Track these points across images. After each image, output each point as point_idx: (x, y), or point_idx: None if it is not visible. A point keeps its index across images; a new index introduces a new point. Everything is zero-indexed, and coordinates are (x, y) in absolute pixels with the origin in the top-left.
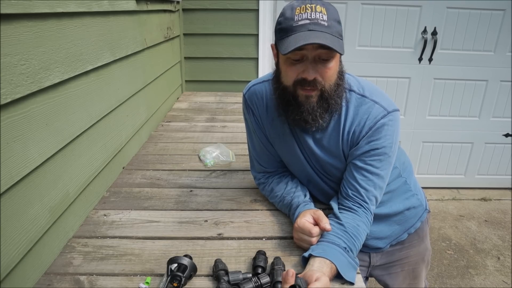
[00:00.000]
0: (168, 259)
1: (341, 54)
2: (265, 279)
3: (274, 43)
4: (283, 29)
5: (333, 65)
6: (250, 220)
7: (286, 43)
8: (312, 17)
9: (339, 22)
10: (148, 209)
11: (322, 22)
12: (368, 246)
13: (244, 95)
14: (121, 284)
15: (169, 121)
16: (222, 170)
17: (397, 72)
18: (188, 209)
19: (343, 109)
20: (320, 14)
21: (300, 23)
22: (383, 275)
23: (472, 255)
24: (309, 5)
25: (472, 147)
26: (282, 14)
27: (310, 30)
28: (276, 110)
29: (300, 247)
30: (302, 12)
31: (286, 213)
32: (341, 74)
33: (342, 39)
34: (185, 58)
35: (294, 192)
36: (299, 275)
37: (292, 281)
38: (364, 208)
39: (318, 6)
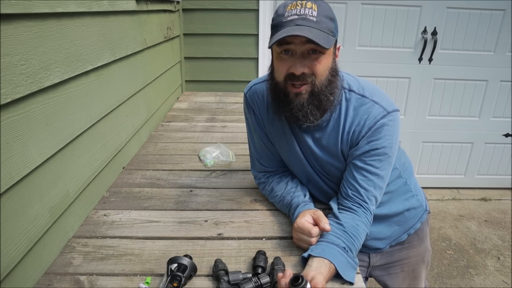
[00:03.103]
0: (168, 259)
1: (326, 48)
2: (265, 279)
3: None
4: (274, 25)
5: (323, 60)
6: (250, 220)
7: (273, 38)
8: (301, 12)
9: (331, 19)
10: (148, 209)
11: (311, 18)
12: (368, 246)
13: (245, 94)
14: (121, 284)
15: (169, 121)
16: (222, 170)
17: (397, 72)
18: (188, 209)
19: (343, 109)
20: (310, 10)
21: (289, 18)
22: (383, 276)
23: (472, 255)
24: (300, 2)
25: (472, 147)
26: (276, 12)
27: (297, 25)
28: (271, 106)
29: (299, 247)
30: (292, 8)
31: (286, 213)
32: (333, 71)
33: (333, 35)
34: (185, 58)
35: (294, 192)
36: None
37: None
38: (364, 208)
39: (309, 3)
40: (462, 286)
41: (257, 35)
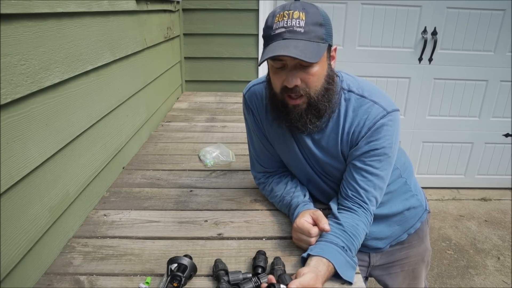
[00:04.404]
0: (168, 259)
1: (311, 62)
2: (265, 279)
3: None
4: (264, 38)
5: (316, 71)
6: (250, 220)
7: (263, 53)
8: (288, 24)
9: (320, 25)
10: (148, 209)
11: (298, 29)
12: (368, 246)
13: (244, 95)
14: (121, 284)
15: (169, 121)
16: (222, 170)
17: (397, 72)
18: (188, 209)
19: (342, 109)
20: (297, 20)
21: (276, 31)
22: (383, 275)
23: (472, 255)
24: (287, 12)
25: (472, 147)
26: (266, 21)
27: (284, 39)
28: (270, 114)
29: (299, 247)
30: (279, 20)
31: (286, 213)
32: (329, 78)
33: (324, 42)
34: (185, 58)
35: (294, 192)
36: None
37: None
38: (364, 209)
39: (296, 12)
40: (462, 286)
41: (257, 35)
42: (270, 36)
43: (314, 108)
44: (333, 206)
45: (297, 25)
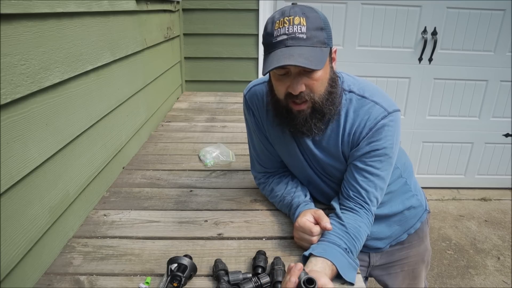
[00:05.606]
0: (168, 259)
1: (316, 70)
2: (265, 279)
3: None
4: (265, 45)
5: (320, 76)
6: (250, 220)
7: (267, 61)
8: (290, 31)
9: (321, 29)
10: (148, 209)
11: (300, 35)
12: (368, 246)
13: (244, 96)
14: (121, 284)
15: (169, 121)
16: (222, 170)
17: (397, 72)
18: (188, 209)
19: (343, 110)
20: (298, 26)
21: (278, 39)
22: (383, 275)
23: (472, 255)
24: (288, 18)
25: (472, 147)
26: (265, 28)
27: (287, 46)
28: (273, 120)
29: (300, 246)
30: (280, 26)
31: (286, 213)
32: (332, 81)
33: (326, 46)
34: (185, 58)
35: (295, 192)
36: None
37: (297, 274)
38: (366, 209)
39: (296, 18)
40: (462, 286)
41: (257, 35)
42: (272, 44)
43: (319, 112)
44: (336, 205)
45: (299, 31)
